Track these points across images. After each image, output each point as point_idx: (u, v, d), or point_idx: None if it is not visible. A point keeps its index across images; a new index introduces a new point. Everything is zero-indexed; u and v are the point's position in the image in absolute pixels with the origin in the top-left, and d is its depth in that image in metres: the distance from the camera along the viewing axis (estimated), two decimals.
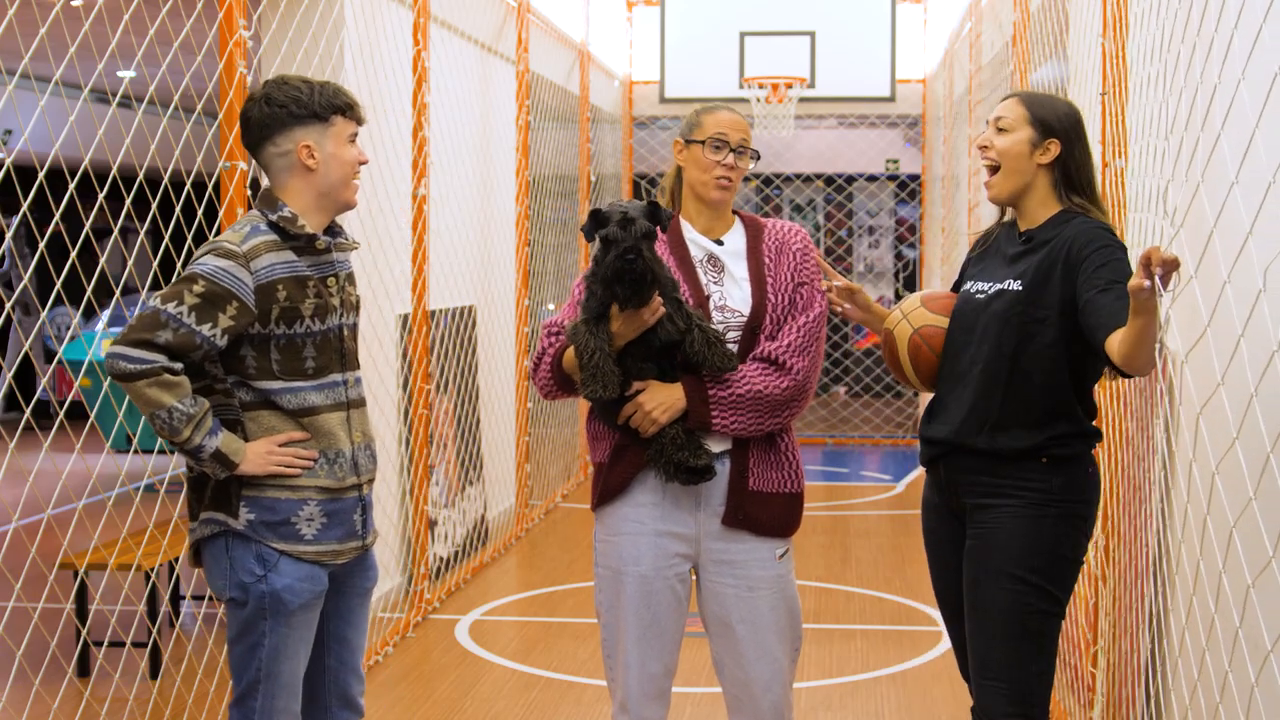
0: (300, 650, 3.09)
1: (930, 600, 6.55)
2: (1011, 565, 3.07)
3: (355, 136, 3.13)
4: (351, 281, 3.22)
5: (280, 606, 3.03)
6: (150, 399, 2.91)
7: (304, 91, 3.06)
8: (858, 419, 12.54)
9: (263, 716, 3.06)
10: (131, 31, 3.82)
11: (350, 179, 3.12)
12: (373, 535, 3.25)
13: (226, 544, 3.06)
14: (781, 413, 3.12)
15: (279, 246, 3.03)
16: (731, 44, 11.04)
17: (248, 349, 3.02)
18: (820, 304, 3.19)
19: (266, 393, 3.04)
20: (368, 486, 3.20)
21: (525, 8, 8.26)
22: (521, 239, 8.32)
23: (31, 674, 4.64)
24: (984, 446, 3.11)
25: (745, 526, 3.15)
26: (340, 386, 3.13)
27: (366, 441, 3.20)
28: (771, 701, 3.18)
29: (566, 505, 9.27)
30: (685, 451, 3.07)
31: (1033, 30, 6.14)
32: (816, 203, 13.52)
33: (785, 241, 3.23)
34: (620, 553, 3.19)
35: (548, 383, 3.20)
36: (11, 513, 4.33)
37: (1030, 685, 3.09)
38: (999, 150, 3.16)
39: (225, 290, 2.94)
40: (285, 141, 3.06)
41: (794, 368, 3.11)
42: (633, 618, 3.17)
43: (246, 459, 3.00)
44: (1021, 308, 3.08)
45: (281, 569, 3.03)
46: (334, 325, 3.11)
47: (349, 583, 3.24)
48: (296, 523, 3.05)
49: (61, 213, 3.64)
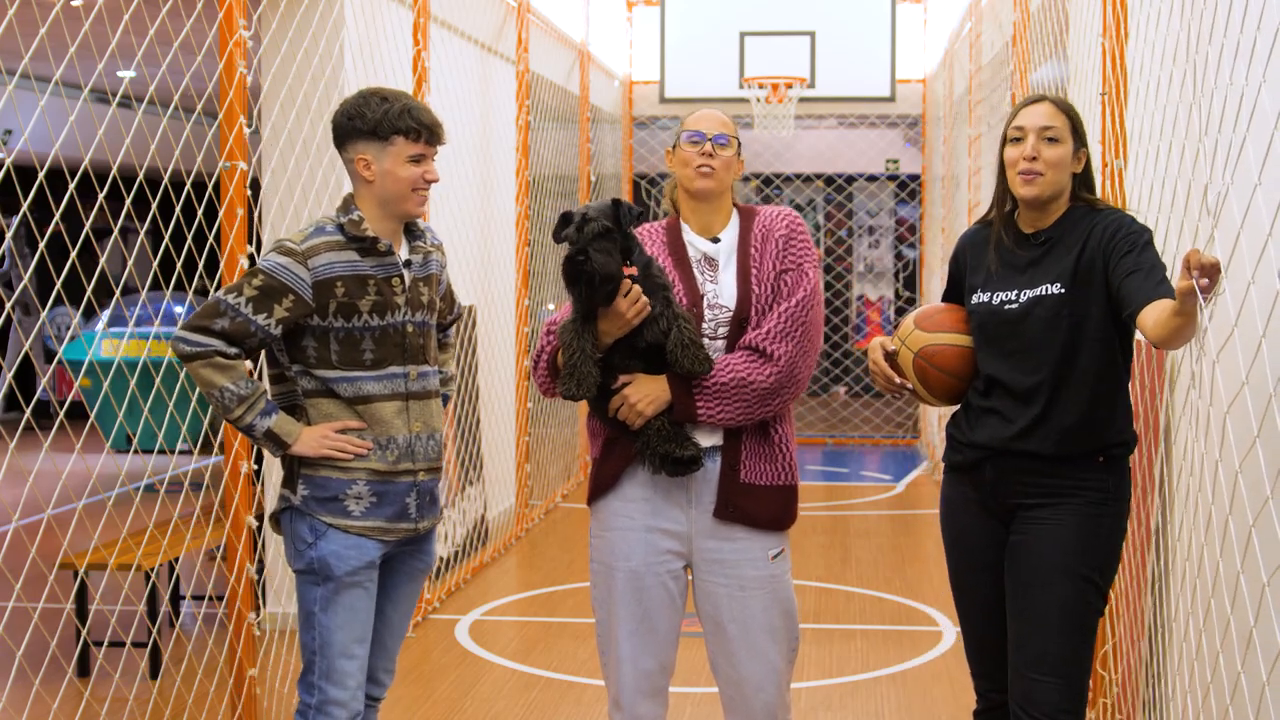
0: (351, 621, 3.28)
1: (930, 600, 6.55)
2: (1075, 563, 3.09)
3: (421, 157, 3.31)
4: (428, 282, 3.40)
5: (328, 571, 3.26)
6: (204, 379, 3.20)
7: (373, 108, 3.27)
8: (858, 419, 12.54)
9: (319, 691, 3.28)
10: (131, 31, 3.81)
11: (406, 194, 3.31)
12: (430, 520, 3.42)
13: (290, 517, 3.34)
14: (771, 400, 3.11)
15: (341, 246, 3.26)
16: (731, 44, 11.03)
17: (309, 339, 3.26)
18: (805, 288, 3.16)
19: (326, 380, 3.28)
20: (426, 474, 3.38)
21: (525, 8, 8.26)
22: (521, 239, 8.32)
23: (31, 674, 4.64)
24: (1050, 452, 3.11)
25: (737, 519, 3.15)
26: (400, 378, 3.32)
27: (429, 431, 3.37)
28: (764, 702, 3.18)
29: (566, 505, 9.27)
30: (672, 443, 3.09)
31: (1033, 30, 6.14)
32: (816, 203, 13.52)
33: (771, 228, 3.22)
34: (611, 548, 3.20)
35: (545, 380, 3.24)
36: (11, 513, 4.33)
37: (1083, 681, 3.12)
38: (1049, 161, 3.14)
39: (281, 284, 3.20)
40: (350, 151, 3.31)
41: (777, 354, 3.10)
42: (624, 613, 3.18)
43: (300, 440, 3.25)
44: (1069, 308, 3.08)
45: (330, 537, 3.27)
46: (396, 321, 3.30)
47: (402, 562, 3.44)
48: (345, 500, 3.28)
49: (61, 213, 3.65)
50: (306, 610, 3.29)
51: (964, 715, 4.87)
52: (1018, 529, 3.17)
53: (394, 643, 3.49)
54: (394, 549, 3.38)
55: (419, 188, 3.32)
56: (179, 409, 4.56)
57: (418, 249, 3.40)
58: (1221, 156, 3.18)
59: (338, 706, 3.27)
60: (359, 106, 3.28)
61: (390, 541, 3.33)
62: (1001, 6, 7.33)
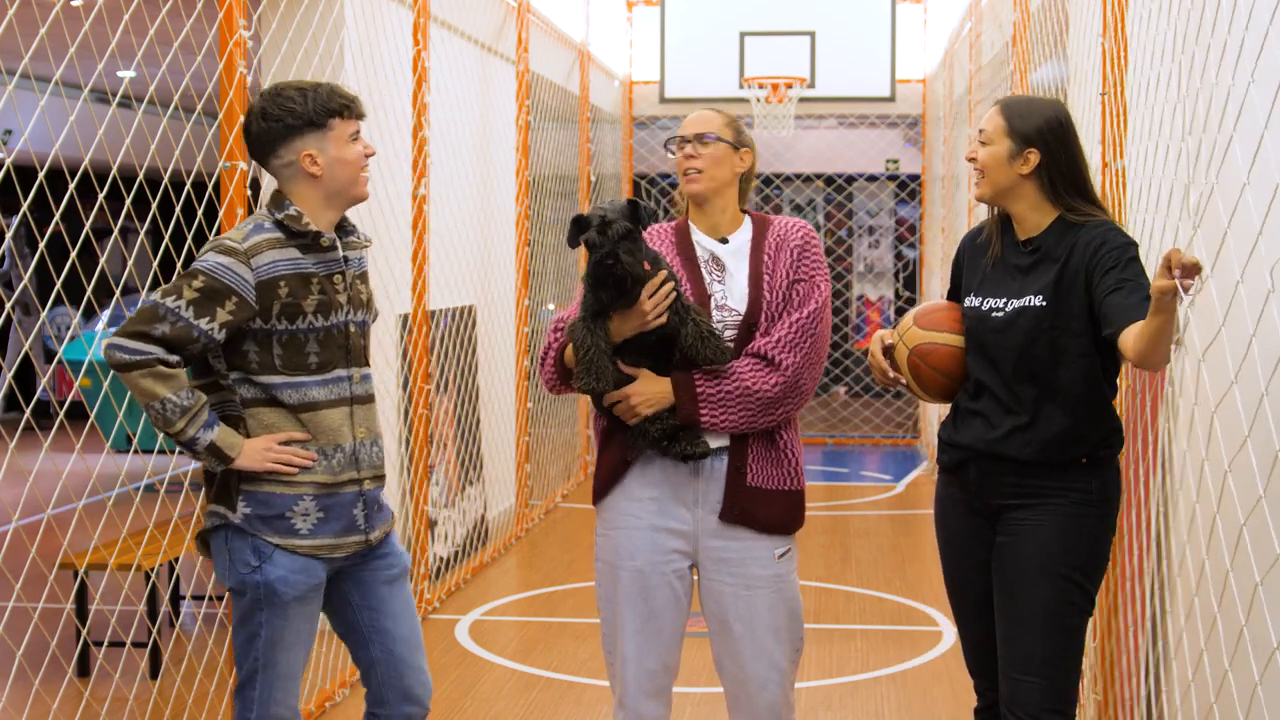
0: (297, 642, 3.13)
1: (930, 600, 6.55)
2: (1057, 564, 3.09)
3: (357, 133, 3.17)
4: (363, 280, 3.27)
5: (274, 598, 3.08)
6: (144, 389, 2.99)
7: (298, 101, 3.11)
8: (858, 419, 12.54)
9: (260, 706, 3.12)
10: (131, 31, 3.81)
11: (357, 176, 3.17)
12: (382, 528, 3.26)
13: (226, 536, 3.13)
14: (774, 410, 3.11)
15: (283, 244, 3.09)
16: (731, 44, 11.03)
17: (250, 344, 3.08)
18: (816, 300, 3.17)
19: (268, 387, 3.10)
20: (371, 482, 3.23)
21: (525, 8, 8.26)
22: (521, 239, 8.32)
23: (31, 674, 4.64)
24: (1031, 458, 3.12)
25: (742, 523, 3.15)
26: (345, 382, 3.18)
27: (372, 437, 3.23)
28: (768, 701, 3.18)
29: (566, 505, 9.27)
30: (682, 442, 3.09)
31: (1033, 30, 6.14)
32: (816, 203, 13.51)
33: (785, 238, 3.22)
34: (616, 547, 3.20)
35: (552, 377, 3.24)
36: (11, 513, 4.33)
37: (1067, 682, 3.12)
38: (981, 162, 3.19)
39: (224, 285, 3.01)
40: (287, 153, 3.13)
41: (784, 364, 3.10)
42: (629, 612, 3.18)
43: (244, 454, 3.06)
44: (1049, 322, 3.08)
45: (276, 561, 3.09)
46: (339, 322, 3.15)
47: (368, 574, 3.26)
48: (291, 517, 3.10)
49: (61, 213, 3.64)
50: (249, 631, 3.11)
51: (964, 715, 4.87)
52: (1003, 530, 3.18)
53: (416, 656, 3.29)
54: (348, 563, 3.21)
55: (364, 167, 3.17)
56: None
57: (351, 244, 3.24)
58: (1207, 155, 3.18)
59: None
60: (280, 105, 3.11)
61: (339, 558, 3.17)
62: (1001, 6, 7.33)
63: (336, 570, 3.21)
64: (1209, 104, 3.24)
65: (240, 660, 3.15)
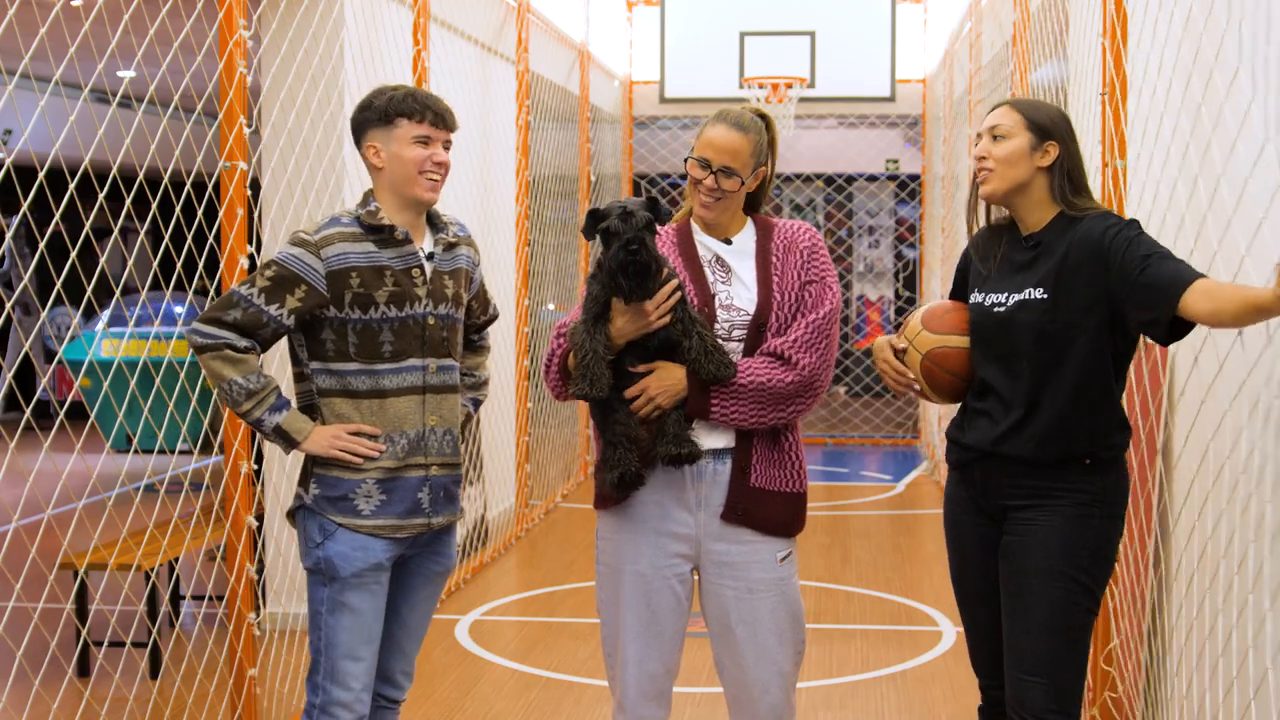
0: (355, 622, 3.27)
1: (930, 600, 6.55)
2: (1061, 563, 3.08)
3: (428, 139, 3.32)
4: (454, 276, 3.39)
5: (334, 572, 3.25)
6: (214, 371, 3.21)
7: (380, 97, 3.32)
8: (858, 419, 12.54)
9: (324, 688, 3.28)
10: (131, 31, 3.81)
11: (413, 177, 3.30)
12: (446, 517, 3.39)
13: (303, 515, 3.34)
14: (785, 407, 3.11)
15: (358, 237, 3.27)
16: (731, 44, 11.03)
17: (328, 332, 3.26)
18: (830, 302, 3.16)
19: (342, 375, 3.27)
20: (439, 469, 3.35)
21: (525, 8, 8.26)
22: (521, 239, 8.32)
23: (31, 674, 4.64)
24: (1029, 455, 3.11)
25: (745, 523, 3.15)
26: (419, 371, 3.31)
27: (446, 426, 3.36)
28: (770, 704, 3.18)
29: (566, 505, 9.27)
30: (671, 443, 3.07)
31: (1033, 30, 6.14)
32: (816, 203, 13.51)
33: (793, 240, 3.22)
34: (619, 551, 3.19)
35: (557, 384, 3.22)
36: (11, 513, 4.33)
37: (1071, 682, 3.11)
38: (997, 159, 3.16)
39: (294, 274, 3.21)
40: (363, 142, 3.34)
41: (800, 363, 3.10)
42: (631, 616, 3.18)
43: (310, 439, 3.25)
44: (1050, 314, 3.08)
45: (338, 538, 3.26)
46: (416, 313, 3.29)
47: (418, 564, 3.42)
48: (354, 499, 3.27)
49: (61, 213, 3.64)
50: (314, 610, 3.29)
51: (964, 715, 4.87)
52: (1008, 530, 3.18)
53: (411, 646, 3.46)
54: (408, 549, 3.36)
55: (426, 170, 3.30)
56: (179, 409, 4.56)
57: (441, 240, 3.39)
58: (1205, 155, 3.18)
59: (341, 708, 3.26)
60: (369, 99, 3.32)
61: (403, 539, 3.31)
62: (1001, 6, 7.33)
63: (399, 558, 3.35)
64: (1210, 104, 3.24)
65: (312, 644, 3.31)
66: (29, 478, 3.39)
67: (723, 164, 3.16)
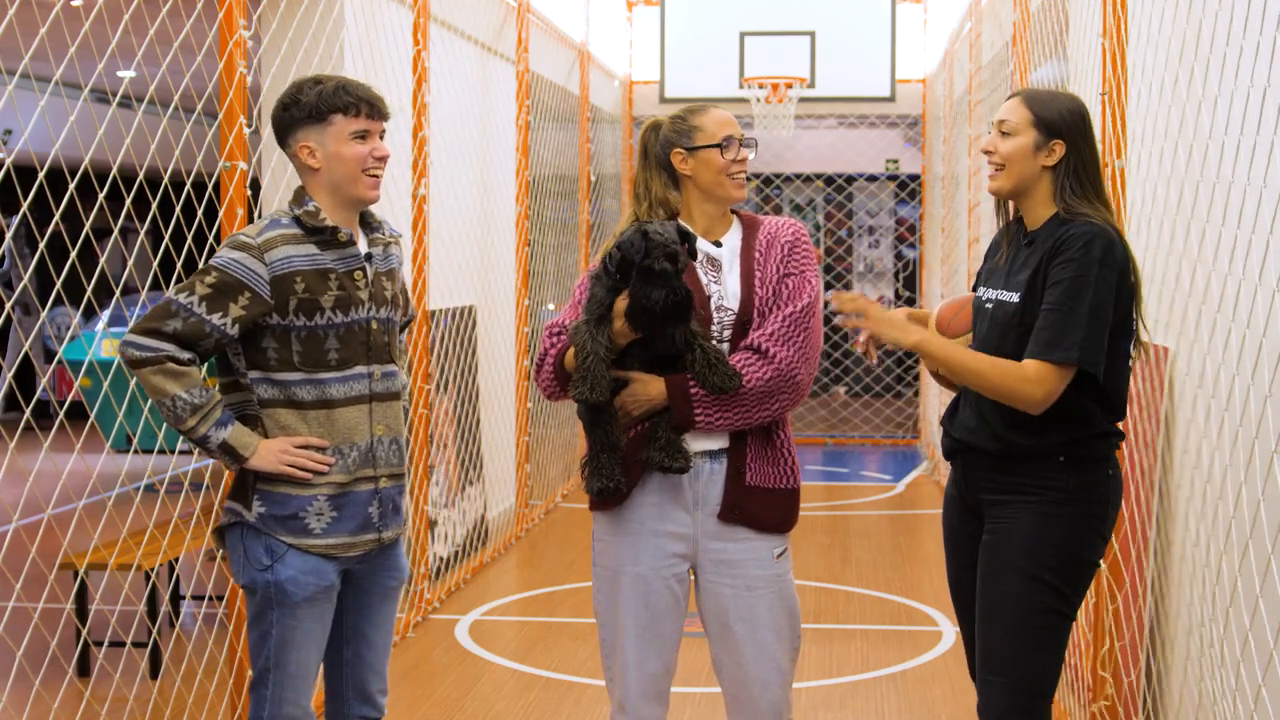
0: (308, 643, 3.14)
1: (930, 600, 6.55)
2: (1024, 561, 3.03)
3: (365, 134, 3.14)
4: (390, 277, 3.26)
5: (285, 597, 3.09)
6: (155, 386, 3.01)
7: (306, 92, 3.11)
8: (858, 419, 12.54)
9: (273, 705, 3.15)
10: (131, 31, 3.81)
11: (355, 175, 3.13)
12: (394, 530, 3.26)
13: (241, 534, 3.15)
14: (769, 403, 3.09)
15: (300, 240, 3.10)
16: (731, 44, 11.03)
17: (270, 340, 3.08)
18: (809, 295, 3.14)
19: (286, 385, 3.10)
20: (387, 480, 3.22)
21: (525, 8, 8.26)
22: (521, 239, 8.32)
23: (31, 674, 4.64)
24: (996, 449, 3.09)
25: (742, 522, 3.15)
26: (364, 379, 3.17)
27: (392, 435, 3.23)
28: (770, 701, 3.18)
29: (566, 505, 9.27)
30: (663, 454, 3.06)
31: (1033, 30, 6.14)
32: (816, 203, 13.51)
33: (775, 235, 3.21)
34: (618, 552, 3.19)
35: (551, 383, 3.20)
36: (11, 513, 4.33)
37: (1033, 684, 3.05)
38: (1003, 155, 3.11)
39: (237, 281, 3.02)
40: (293, 143, 3.15)
41: (776, 355, 3.07)
42: (630, 618, 3.18)
43: (258, 454, 3.07)
44: (1018, 319, 3.05)
45: (288, 561, 3.10)
46: (360, 318, 3.14)
47: (371, 580, 3.28)
48: (305, 517, 3.11)
49: (61, 213, 3.64)
50: (261, 630, 3.13)
51: (964, 715, 4.87)
52: (986, 526, 3.15)
53: (381, 663, 3.34)
54: (358, 565, 3.23)
55: (369, 168, 3.13)
56: None
57: (376, 241, 3.24)
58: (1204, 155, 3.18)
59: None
60: (293, 95, 3.12)
61: (353, 557, 3.18)
62: (1001, 6, 7.33)
63: (346, 572, 3.22)
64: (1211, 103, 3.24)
65: (254, 658, 3.18)
66: (29, 478, 3.39)
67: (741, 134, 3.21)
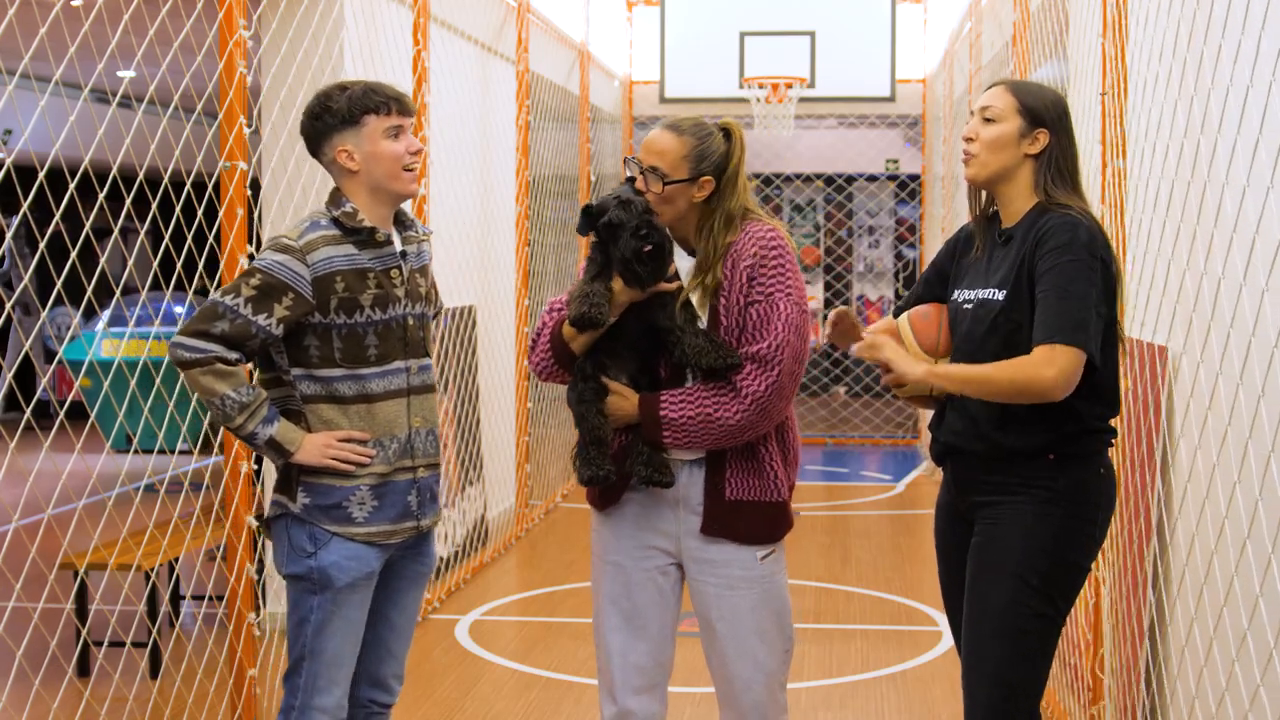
0: (345, 630, 3.23)
1: (930, 600, 6.55)
2: (1011, 563, 2.99)
3: (398, 130, 3.22)
4: (423, 273, 3.36)
5: (328, 581, 3.20)
6: (204, 386, 3.11)
7: (335, 98, 3.21)
8: (858, 419, 12.54)
9: (305, 693, 3.23)
10: (131, 31, 3.81)
11: (396, 172, 3.22)
12: (432, 518, 3.37)
13: (286, 524, 3.26)
14: (740, 435, 3.03)
15: (339, 240, 3.19)
16: (731, 44, 11.03)
17: (311, 338, 3.18)
18: (778, 324, 3.00)
19: (328, 381, 3.20)
20: (425, 470, 3.33)
21: (525, 8, 8.26)
22: (521, 239, 8.32)
23: (31, 674, 4.64)
24: (984, 450, 3.06)
25: (724, 536, 3.12)
26: (403, 373, 3.27)
27: (429, 427, 3.34)
28: (753, 700, 3.15)
29: (566, 505, 9.27)
30: (649, 468, 3.07)
31: (1033, 30, 6.14)
32: (816, 203, 13.51)
33: (740, 253, 3.06)
34: (604, 542, 3.23)
35: (545, 359, 3.16)
36: (11, 513, 4.33)
37: (1017, 688, 3.01)
38: (984, 142, 3.06)
39: (281, 282, 3.12)
40: (329, 150, 3.23)
41: (746, 392, 3.00)
42: (611, 606, 3.20)
43: (303, 449, 3.18)
44: (1004, 317, 3.01)
45: (331, 547, 3.21)
46: (397, 315, 3.25)
47: (402, 566, 3.38)
48: (348, 506, 3.22)
49: (61, 213, 3.64)
50: (300, 616, 3.23)
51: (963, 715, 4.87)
52: (976, 529, 3.12)
53: (401, 648, 3.42)
54: (395, 552, 3.33)
55: (406, 163, 3.23)
56: (179, 409, 4.56)
57: (410, 239, 3.35)
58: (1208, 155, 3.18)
59: (321, 713, 3.23)
60: (322, 103, 3.21)
61: (393, 545, 3.29)
62: (1001, 6, 7.33)
63: (388, 561, 3.32)
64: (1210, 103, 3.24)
65: (291, 646, 3.26)
66: (29, 478, 3.39)
67: (650, 164, 3.07)
